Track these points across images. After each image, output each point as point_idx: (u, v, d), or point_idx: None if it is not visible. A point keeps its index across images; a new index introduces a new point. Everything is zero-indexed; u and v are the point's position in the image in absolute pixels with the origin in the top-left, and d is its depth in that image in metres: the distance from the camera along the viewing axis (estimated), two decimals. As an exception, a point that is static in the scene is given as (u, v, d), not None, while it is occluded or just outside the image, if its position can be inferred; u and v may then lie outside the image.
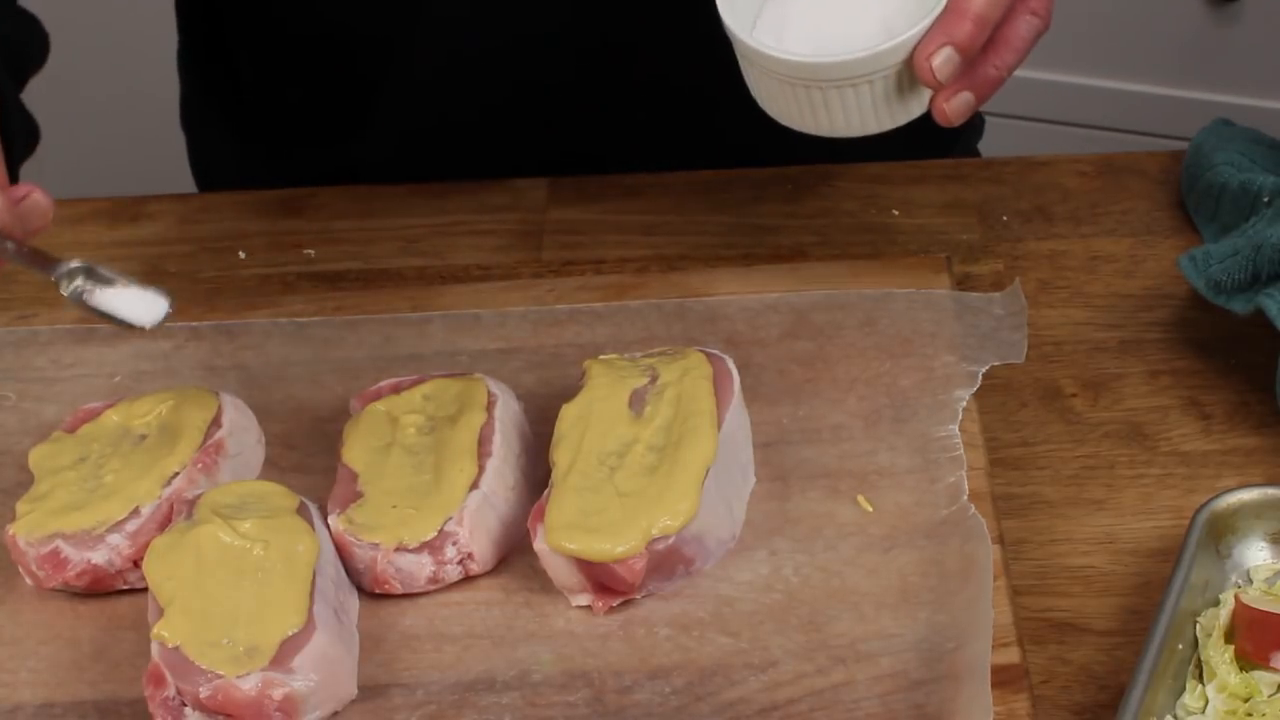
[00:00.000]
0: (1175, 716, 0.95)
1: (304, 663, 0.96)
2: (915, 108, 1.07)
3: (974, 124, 1.49)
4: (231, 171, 1.46)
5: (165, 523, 1.04)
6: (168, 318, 1.01)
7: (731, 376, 1.07)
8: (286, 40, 1.35)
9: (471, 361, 1.16)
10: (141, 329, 1.00)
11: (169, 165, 2.41)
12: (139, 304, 1.01)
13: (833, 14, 1.06)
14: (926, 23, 1.03)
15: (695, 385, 1.06)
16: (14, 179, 1.10)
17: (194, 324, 1.20)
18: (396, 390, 1.11)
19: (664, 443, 1.04)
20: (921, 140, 1.19)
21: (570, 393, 1.08)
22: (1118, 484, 1.10)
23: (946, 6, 1.03)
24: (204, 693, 0.95)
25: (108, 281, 1.01)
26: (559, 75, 1.31)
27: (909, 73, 1.04)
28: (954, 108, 1.05)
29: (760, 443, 1.09)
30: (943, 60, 1.03)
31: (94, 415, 1.11)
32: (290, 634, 0.97)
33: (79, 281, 1.00)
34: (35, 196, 1.01)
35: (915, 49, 1.03)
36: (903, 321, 1.15)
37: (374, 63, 1.33)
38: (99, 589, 1.05)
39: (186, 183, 1.50)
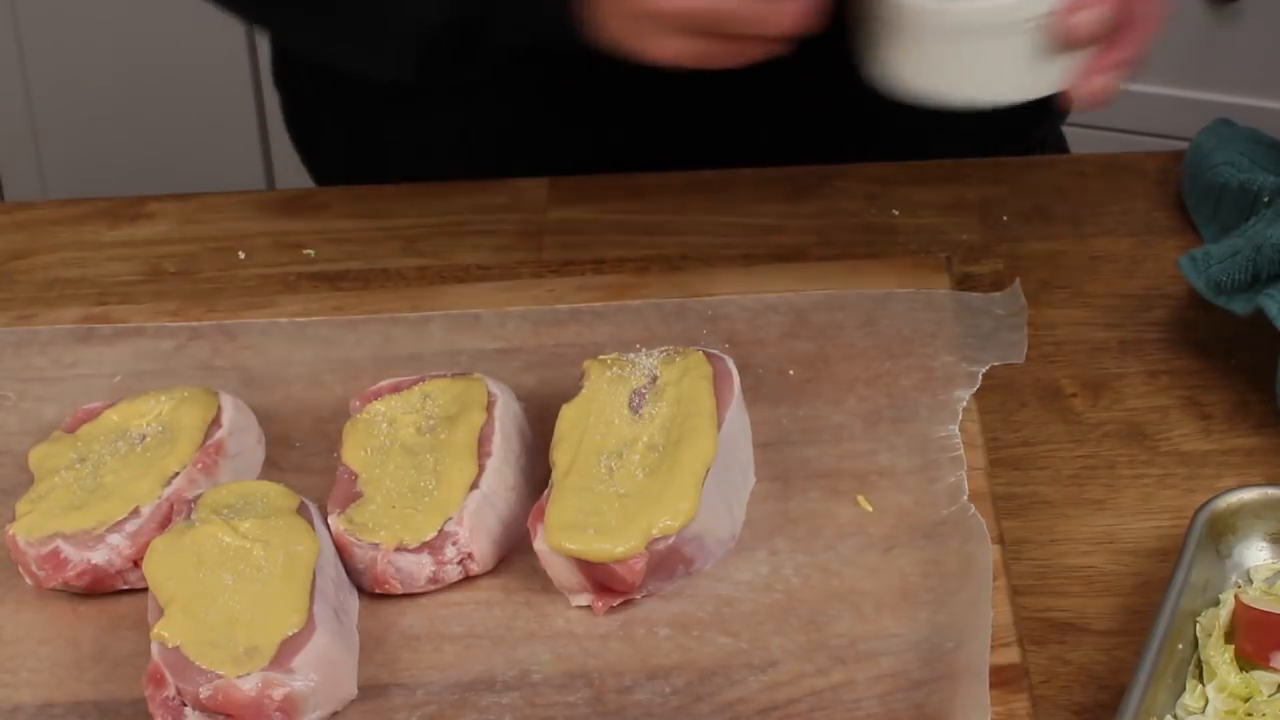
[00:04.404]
0: (1175, 716, 0.95)
1: (304, 663, 0.96)
2: (1055, 78, 1.07)
3: (1057, 110, 1.49)
4: (329, 129, 1.45)
5: (165, 523, 1.04)
6: None
7: (731, 376, 1.07)
8: None
9: (471, 361, 1.16)
10: None
11: (169, 165, 2.41)
12: None
13: None
14: None
15: (695, 385, 1.06)
16: None
17: (194, 324, 1.20)
18: (396, 390, 1.11)
19: (664, 443, 1.04)
20: (1007, 125, 1.20)
21: (570, 393, 1.08)
22: (1118, 484, 1.09)
23: None
24: (204, 693, 0.95)
25: None
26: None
27: (1048, 42, 1.05)
28: (1097, 87, 1.07)
29: (760, 443, 1.09)
30: (1089, 17, 1.04)
31: (94, 415, 1.11)
32: (290, 634, 0.97)
33: None
34: None
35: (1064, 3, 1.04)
36: (903, 321, 1.15)
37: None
38: (99, 589, 1.04)
39: (187, 183, 1.50)
